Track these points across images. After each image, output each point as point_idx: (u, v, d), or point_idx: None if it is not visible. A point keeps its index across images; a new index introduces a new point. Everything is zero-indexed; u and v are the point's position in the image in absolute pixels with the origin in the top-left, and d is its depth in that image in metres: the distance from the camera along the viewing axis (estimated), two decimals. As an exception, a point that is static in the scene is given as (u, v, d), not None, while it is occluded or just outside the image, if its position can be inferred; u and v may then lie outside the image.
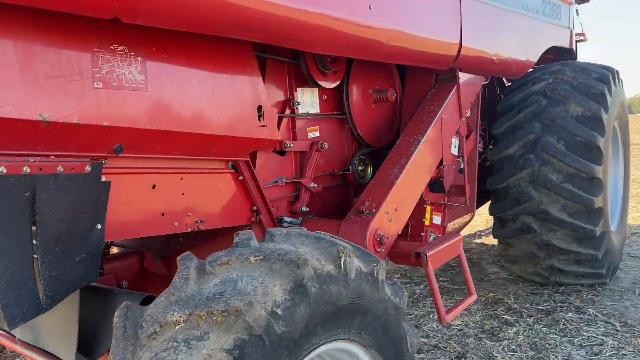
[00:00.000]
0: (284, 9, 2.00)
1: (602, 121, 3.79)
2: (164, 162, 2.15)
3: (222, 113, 2.21)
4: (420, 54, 2.86)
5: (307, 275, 1.38)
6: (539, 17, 4.08)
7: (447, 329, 3.64)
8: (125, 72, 1.84)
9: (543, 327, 3.56)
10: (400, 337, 1.80)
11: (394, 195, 2.69)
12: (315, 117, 2.98)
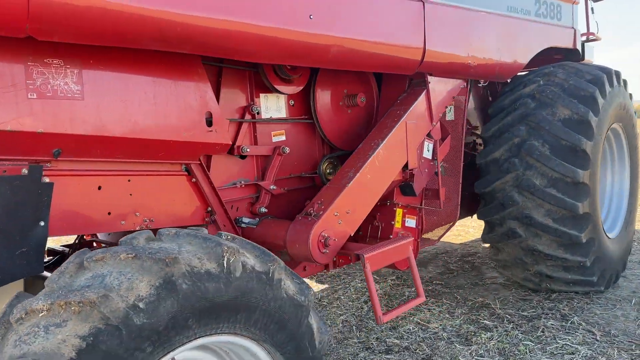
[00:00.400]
0: (212, 21, 2.11)
1: (591, 124, 3.66)
2: (110, 164, 2.31)
3: (165, 119, 2.34)
4: (377, 60, 2.90)
5: (176, 272, 1.49)
6: (531, 18, 4.00)
7: (422, 331, 3.65)
8: (61, 83, 2.01)
9: (520, 334, 3.49)
10: (302, 333, 1.88)
11: (345, 197, 2.74)
12: (280, 122, 3.08)
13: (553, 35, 4.30)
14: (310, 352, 1.91)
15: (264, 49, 2.39)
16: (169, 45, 2.13)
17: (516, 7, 3.84)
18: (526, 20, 3.94)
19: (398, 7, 2.90)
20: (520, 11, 3.89)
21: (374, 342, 3.54)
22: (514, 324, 3.66)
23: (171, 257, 1.48)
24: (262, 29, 2.28)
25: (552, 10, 4.28)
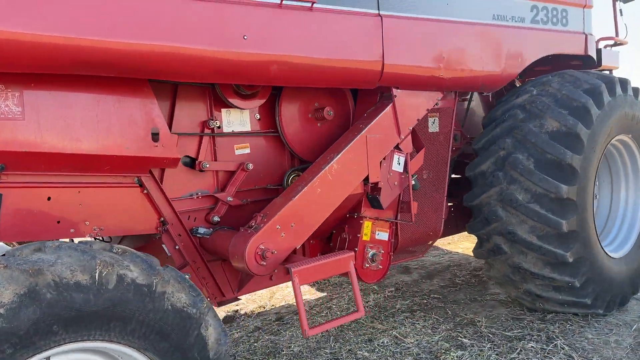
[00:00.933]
0: (135, 45, 2.25)
1: (580, 137, 3.44)
2: (59, 177, 2.49)
3: (107, 135, 2.49)
4: (328, 76, 2.92)
5: (41, 282, 1.62)
6: (525, 26, 3.82)
7: (396, 345, 3.59)
8: (2, 105, 2.23)
9: (494, 354, 3.34)
10: (190, 344, 1.95)
11: (289, 211, 2.78)
12: (241, 135, 3.17)
13: (556, 42, 4.07)
14: None
15: (195, 70, 2.49)
16: (97, 70, 2.28)
17: (505, 16, 3.68)
18: (518, 28, 3.76)
19: (350, 23, 2.88)
20: (511, 19, 3.73)
21: (344, 353, 3.53)
22: (492, 343, 3.50)
23: (35, 269, 1.62)
24: (190, 50, 2.39)
25: (555, 16, 4.06)
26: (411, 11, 3.16)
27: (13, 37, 1.99)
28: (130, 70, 2.35)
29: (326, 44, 2.81)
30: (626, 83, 3.96)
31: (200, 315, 1.99)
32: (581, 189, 3.47)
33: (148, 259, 1.94)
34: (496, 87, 3.85)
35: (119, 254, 1.88)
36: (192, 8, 2.36)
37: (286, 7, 2.63)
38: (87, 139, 2.45)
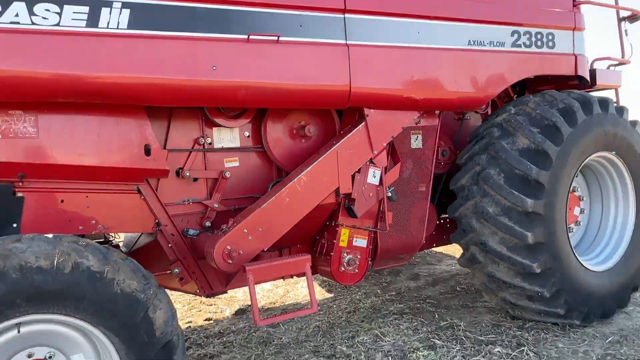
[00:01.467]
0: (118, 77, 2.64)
1: (548, 154, 3.46)
2: (70, 184, 2.93)
3: (107, 150, 2.89)
4: (298, 98, 3.16)
5: (8, 265, 2.00)
6: (505, 49, 3.86)
7: (373, 343, 3.74)
8: (20, 127, 2.68)
9: (459, 356, 3.41)
10: (137, 324, 2.25)
11: (256, 217, 3.05)
12: (232, 150, 3.46)
13: (541, 64, 4.07)
14: (147, 339, 2.28)
15: (174, 97, 2.85)
16: (96, 98, 2.68)
17: (482, 41, 3.76)
18: (496, 52, 3.83)
19: (317, 52, 3.13)
20: (489, 44, 3.79)
21: (326, 347, 3.74)
22: (462, 346, 3.56)
23: (4, 254, 2.00)
24: (167, 80, 2.75)
25: (540, 40, 4.05)
26: (380, 40, 3.35)
27: (34, 75, 2.45)
28: (121, 98, 2.74)
29: (292, 71, 3.07)
30: (607, 102, 3.88)
31: (148, 299, 2.30)
32: (549, 203, 3.48)
33: (105, 252, 2.27)
34: (476, 107, 3.93)
35: (82, 246, 2.22)
36: (166, 45, 2.71)
37: (253, 40, 2.92)
38: (90, 153, 2.85)
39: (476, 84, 3.73)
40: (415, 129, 3.85)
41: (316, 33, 3.12)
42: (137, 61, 2.69)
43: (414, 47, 3.46)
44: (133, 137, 2.99)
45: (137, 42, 2.68)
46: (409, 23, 3.43)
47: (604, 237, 4.17)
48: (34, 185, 2.84)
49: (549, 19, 4.12)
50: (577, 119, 3.62)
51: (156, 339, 2.31)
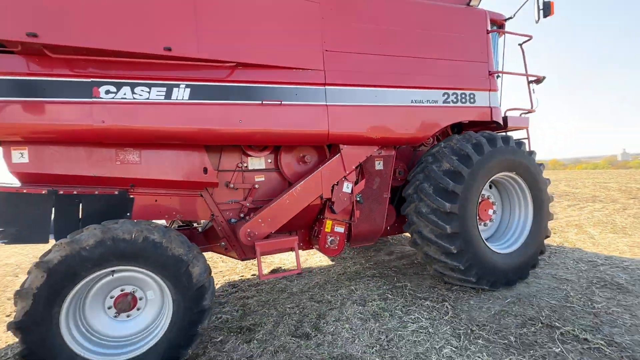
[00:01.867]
0: (183, 130, 2.83)
1: (462, 174, 3.30)
2: (160, 190, 3.14)
3: (182, 171, 3.07)
4: (294, 139, 3.22)
5: (106, 237, 2.21)
6: (438, 105, 3.69)
7: (347, 294, 3.67)
8: (131, 157, 2.94)
9: (400, 305, 3.29)
10: (181, 274, 2.40)
11: (267, 212, 3.14)
12: (260, 171, 3.57)
13: (464, 114, 3.85)
14: (187, 284, 2.42)
15: (216, 139, 2.99)
16: (174, 140, 2.88)
17: (421, 100, 3.65)
18: (431, 107, 3.69)
19: (307, 110, 3.17)
20: (426, 102, 3.67)
21: (318, 295, 3.72)
22: (404, 299, 3.44)
23: (106, 229, 2.21)
24: (213, 129, 2.91)
25: (464, 97, 3.87)
26: (348, 102, 3.34)
27: (137, 128, 2.69)
28: (187, 140, 2.92)
29: (291, 121, 3.12)
30: (508, 138, 3.65)
31: (189, 260, 2.44)
32: (462, 206, 3.31)
33: (165, 230, 2.43)
34: (417, 143, 3.81)
35: (151, 227, 2.40)
36: (212, 108, 2.87)
37: (265, 104, 3.03)
38: (172, 172, 3.04)
39: (416, 128, 3.61)
40: (378, 157, 3.80)
41: (306, 98, 3.17)
42: (194, 118, 2.84)
43: (372, 105, 3.41)
44: (196, 163, 3.16)
45: (195, 107, 2.85)
46: (369, 90, 3.40)
47: (510, 230, 3.86)
48: (139, 191, 3.06)
49: (470, 84, 3.91)
50: (484, 150, 3.44)
51: (193, 284, 2.43)
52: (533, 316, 2.90)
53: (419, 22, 3.64)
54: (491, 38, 4.22)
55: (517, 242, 3.75)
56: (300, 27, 3.16)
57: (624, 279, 3.62)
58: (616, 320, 2.78)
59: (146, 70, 2.70)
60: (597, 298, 3.21)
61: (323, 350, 2.56)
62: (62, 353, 2.11)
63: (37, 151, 2.67)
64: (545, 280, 3.76)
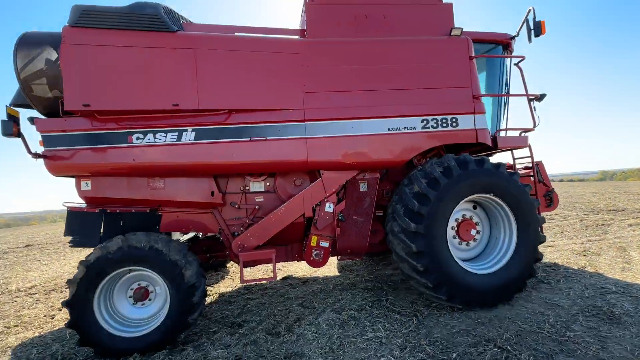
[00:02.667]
0: (212, 164, 3.63)
1: (428, 197, 3.48)
2: (181, 209, 3.95)
3: (195, 194, 3.83)
4: (279, 167, 3.76)
5: (125, 244, 3.04)
6: (416, 131, 3.86)
7: (332, 302, 4.02)
8: (158, 184, 3.87)
9: (372, 317, 3.54)
10: (176, 275, 3.10)
11: (255, 227, 3.74)
12: (260, 193, 4.20)
13: (446, 138, 3.92)
14: (179, 282, 3.12)
15: (213, 171, 3.70)
16: (190, 174, 3.69)
17: (398, 127, 3.86)
18: (408, 133, 3.85)
19: (289, 143, 3.69)
20: (403, 129, 3.87)
21: (308, 302, 4.14)
22: (377, 310, 3.67)
23: (124, 240, 3.06)
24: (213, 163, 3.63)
25: (445, 122, 3.96)
26: (325, 134, 3.77)
27: (161, 164, 3.54)
28: (196, 172, 3.67)
29: (274, 153, 3.65)
30: (483, 161, 3.67)
31: (182, 265, 3.14)
32: (428, 226, 3.46)
33: (167, 241, 3.20)
34: (396, 168, 4.01)
35: (157, 238, 3.19)
36: (213, 146, 3.60)
37: (253, 140, 3.68)
38: (187, 195, 3.82)
39: (393, 154, 3.81)
40: (362, 180, 4.13)
41: (287, 134, 3.68)
42: (199, 155, 3.59)
43: (347, 135, 3.75)
44: (205, 188, 3.89)
45: (199, 146, 3.60)
46: (344, 123, 3.74)
47: (495, 251, 3.80)
48: (165, 210, 3.94)
49: (452, 109, 3.98)
50: (452, 173, 3.55)
51: (185, 283, 3.13)
52: (491, 338, 2.92)
53: (395, 57, 3.92)
54: (499, 63, 4.28)
55: (499, 263, 3.69)
56: (283, 75, 3.74)
57: (625, 310, 3.30)
58: (577, 351, 2.67)
59: (162, 120, 3.58)
60: (576, 327, 3.04)
61: (284, 347, 3.02)
62: (94, 326, 2.98)
63: (96, 181, 3.72)
64: (533, 304, 3.62)
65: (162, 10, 3.56)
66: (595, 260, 5.07)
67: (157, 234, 3.35)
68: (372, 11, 4.05)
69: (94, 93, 3.36)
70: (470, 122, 4.05)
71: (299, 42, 3.81)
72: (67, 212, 3.58)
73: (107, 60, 3.39)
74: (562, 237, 6.65)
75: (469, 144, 4.20)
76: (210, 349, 3.07)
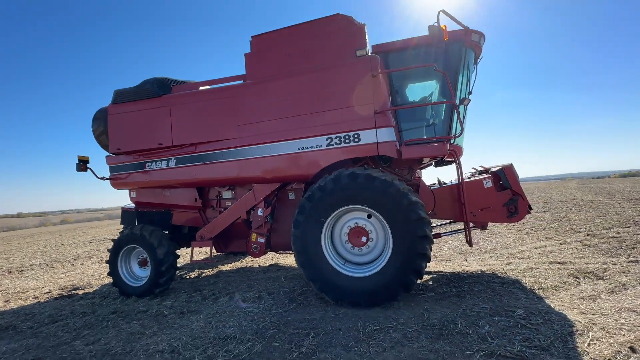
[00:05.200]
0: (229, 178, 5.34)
1: (304, 206, 4.01)
2: (178, 209, 5.81)
3: (184, 200, 5.60)
4: (220, 182, 5.01)
5: (131, 231, 4.98)
6: (321, 149, 4.32)
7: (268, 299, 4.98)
8: (167, 193, 5.80)
9: (276, 307, 4.36)
10: (153, 251, 4.85)
11: (210, 224, 5.11)
12: (227, 199, 5.56)
13: (349, 152, 4.24)
14: (155, 258, 4.84)
15: (192, 184, 5.29)
16: (172, 186, 5.47)
17: (307, 147, 4.39)
18: (315, 151, 4.34)
19: (227, 165, 4.83)
20: (311, 147, 4.37)
21: (253, 280, 5.24)
22: (268, 295, 4.43)
23: (131, 229, 5.01)
24: (188, 180, 5.25)
25: (348, 138, 4.24)
26: (251, 156, 4.71)
27: (155, 182, 5.49)
28: (181, 185, 5.38)
29: (218, 172, 4.87)
30: (355, 174, 3.84)
31: (156, 246, 4.84)
32: (304, 232, 3.98)
33: (152, 229, 4.97)
34: (306, 180, 4.54)
35: (142, 228, 5.01)
36: (187, 168, 5.24)
37: (205, 164, 5.08)
38: (181, 201, 5.63)
39: (302, 169, 4.40)
40: (290, 190, 4.93)
41: (227, 157, 4.84)
42: (179, 174, 5.22)
43: (268, 156, 4.56)
44: (192, 196, 5.55)
45: (180, 169, 5.24)
46: (266, 146, 4.55)
47: (381, 257, 3.91)
48: (174, 210, 5.86)
49: (355, 126, 4.23)
50: (326, 187, 3.92)
51: (157, 258, 4.81)
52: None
53: (303, 87, 4.51)
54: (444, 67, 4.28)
55: (376, 269, 3.82)
56: (224, 114, 4.94)
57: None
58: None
59: (159, 153, 5.41)
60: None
61: (184, 305, 4.34)
62: (118, 277, 5.07)
63: (138, 191, 5.95)
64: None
65: (155, 84, 5.39)
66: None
67: (152, 227, 5.17)
68: (293, 49, 4.73)
69: (123, 141, 5.50)
70: (372, 137, 4.24)
71: (233, 87, 4.94)
72: (121, 211, 5.93)
73: (127, 120, 5.47)
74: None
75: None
76: (170, 298, 4.69)
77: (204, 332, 3.43)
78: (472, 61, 4.75)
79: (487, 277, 4.56)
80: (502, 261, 5.39)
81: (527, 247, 6.11)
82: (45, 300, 5.41)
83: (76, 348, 3.36)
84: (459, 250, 6.41)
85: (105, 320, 4.13)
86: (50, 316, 4.47)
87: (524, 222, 8.85)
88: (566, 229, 7.54)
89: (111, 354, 3.15)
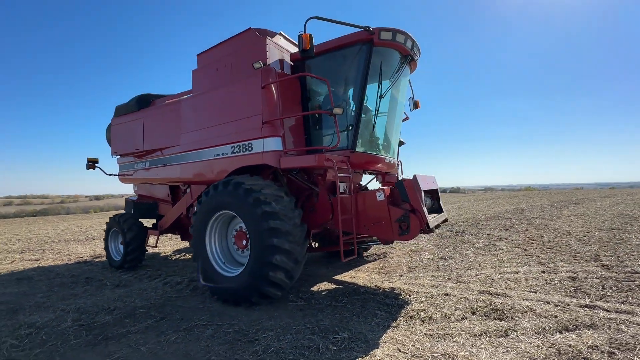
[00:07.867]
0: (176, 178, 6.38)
1: (196, 211, 4.39)
2: (161, 202, 6.88)
3: (161, 194, 6.64)
4: (172, 182, 5.75)
5: (118, 219, 6.24)
6: (228, 156, 4.62)
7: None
8: (152, 188, 6.95)
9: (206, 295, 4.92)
10: (124, 236, 5.97)
11: (165, 217, 5.96)
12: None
13: (245, 160, 4.43)
14: (125, 240, 5.98)
15: (166, 181, 6.25)
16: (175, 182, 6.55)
17: (219, 154, 4.76)
18: (224, 158, 4.65)
19: (175, 167, 5.62)
20: (222, 155, 4.71)
21: (201, 271, 5.90)
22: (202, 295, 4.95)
23: (118, 217, 6.27)
24: (162, 178, 6.21)
25: (245, 147, 4.43)
26: (187, 161, 5.35)
27: (144, 178, 6.69)
28: (156, 183, 6.46)
29: (169, 173, 5.67)
30: (228, 182, 4.01)
31: (125, 231, 5.97)
32: (196, 233, 4.38)
33: (127, 219, 6.13)
34: (214, 181, 4.80)
35: (126, 217, 6.19)
36: (160, 169, 6.22)
37: (164, 166, 5.93)
38: (160, 195, 6.70)
39: (214, 173, 4.78)
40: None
41: (173, 161, 5.57)
42: (151, 174, 6.24)
43: (196, 161, 5.08)
44: (165, 190, 6.58)
45: (151, 169, 6.23)
46: (195, 152, 5.08)
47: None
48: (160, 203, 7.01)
49: (248, 135, 4.37)
50: (209, 193, 4.21)
51: (126, 240, 5.96)
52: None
53: (218, 100, 4.87)
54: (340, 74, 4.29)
55: (240, 270, 3.95)
56: (175, 123, 5.67)
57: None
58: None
59: (140, 156, 6.52)
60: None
61: (129, 280, 5.23)
62: (109, 255, 6.42)
63: (138, 186, 7.28)
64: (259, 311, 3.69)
65: (135, 100, 6.49)
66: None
67: (128, 216, 6.34)
68: (220, 65, 5.13)
69: (118, 146, 6.82)
70: (260, 146, 4.38)
71: (180, 100, 5.61)
72: (125, 200, 7.35)
73: (120, 130, 6.74)
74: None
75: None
76: (131, 273, 5.77)
77: (111, 302, 4.25)
78: (394, 63, 4.33)
79: (380, 296, 4.17)
80: (429, 281, 4.73)
81: (495, 271, 5.13)
82: (71, 262, 7.20)
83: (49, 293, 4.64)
84: (411, 264, 5.78)
85: (78, 283, 5.39)
86: (58, 274, 6.02)
87: (540, 243, 7.20)
88: (570, 254, 5.92)
89: (46, 306, 4.24)
